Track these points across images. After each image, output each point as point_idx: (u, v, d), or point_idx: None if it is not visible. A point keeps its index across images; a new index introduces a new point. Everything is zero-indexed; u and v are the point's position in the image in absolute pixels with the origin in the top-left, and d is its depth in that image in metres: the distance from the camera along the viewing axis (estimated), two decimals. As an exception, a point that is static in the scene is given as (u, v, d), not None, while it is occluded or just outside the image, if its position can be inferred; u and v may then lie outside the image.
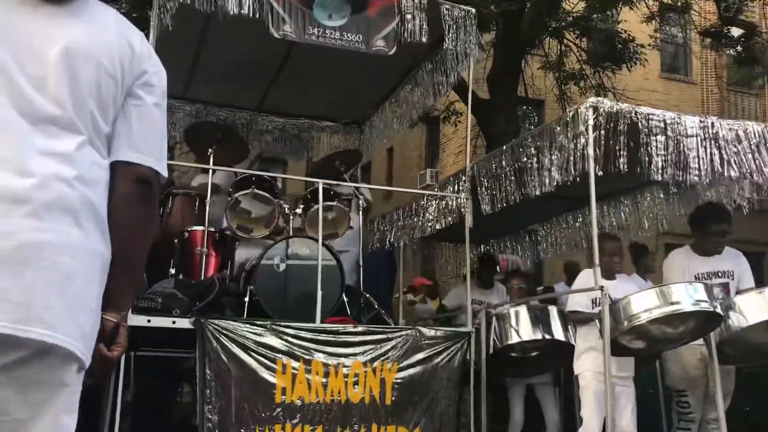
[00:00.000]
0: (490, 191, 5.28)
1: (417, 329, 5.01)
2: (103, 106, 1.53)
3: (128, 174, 1.55)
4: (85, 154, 1.48)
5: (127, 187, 1.54)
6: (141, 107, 1.59)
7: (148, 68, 1.62)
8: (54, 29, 1.49)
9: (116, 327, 1.54)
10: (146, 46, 1.64)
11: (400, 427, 4.68)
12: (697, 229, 4.75)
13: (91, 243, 1.46)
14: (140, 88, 1.60)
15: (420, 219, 6.20)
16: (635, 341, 4.25)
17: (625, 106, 4.28)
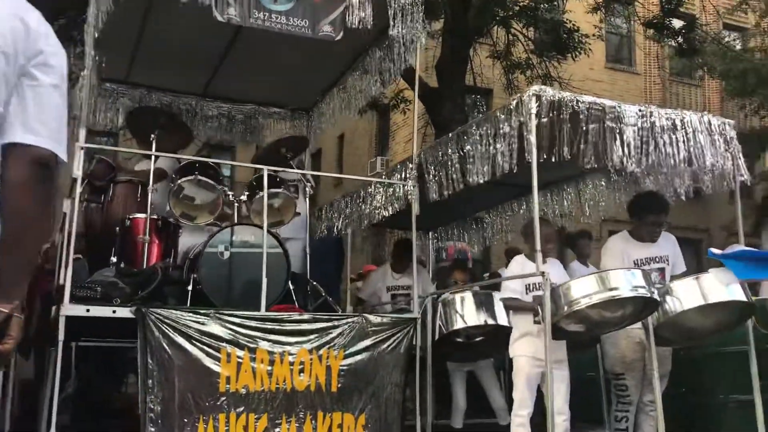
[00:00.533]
0: (436, 179, 5.31)
1: (363, 316, 5.02)
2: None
3: (24, 156, 1.49)
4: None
5: (23, 170, 1.48)
6: (37, 88, 1.54)
7: (44, 48, 1.56)
8: None
9: (8, 318, 1.47)
10: (44, 26, 1.58)
11: (345, 414, 4.69)
12: (636, 217, 4.88)
13: None
14: (36, 69, 1.54)
15: (368, 206, 6.19)
16: (574, 325, 4.35)
17: (567, 95, 4.35)
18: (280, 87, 7.16)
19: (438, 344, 5.22)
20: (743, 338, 4.69)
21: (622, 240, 4.86)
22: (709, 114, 4.91)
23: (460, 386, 5.87)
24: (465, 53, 11.33)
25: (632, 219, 4.92)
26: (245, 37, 5.96)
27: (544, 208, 6.36)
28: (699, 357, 5.19)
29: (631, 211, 4.99)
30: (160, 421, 4.24)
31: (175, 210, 5.39)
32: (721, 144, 4.75)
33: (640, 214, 4.83)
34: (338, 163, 21.07)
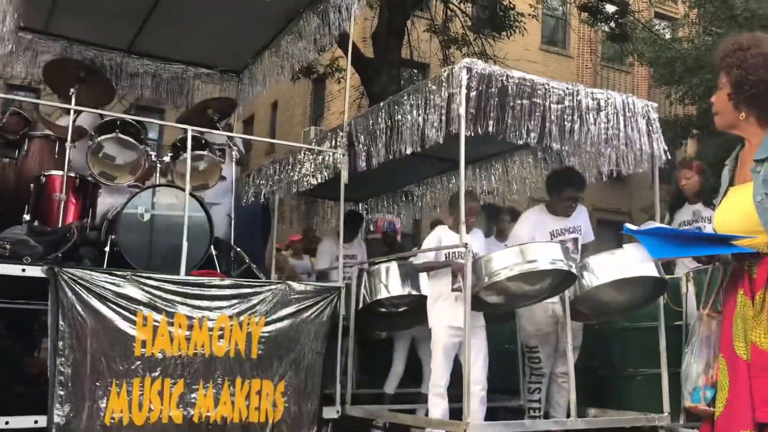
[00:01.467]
0: (365, 148, 5.27)
1: (287, 283, 4.97)
2: None
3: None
4: None
5: None
6: None
7: None
8: None
9: None
10: None
11: (265, 380, 4.65)
12: (553, 192, 4.98)
13: None
14: None
15: (296, 173, 6.11)
16: (494, 297, 4.43)
17: (497, 69, 4.37)
18: (209, 46, 6.96)
19: (362, 313, 5.23)
20: (654, 315, 4.87)
21: (539, 212, 4.98)
22: (633, 96, 5.03)
23: (402, 353, 5.90)
24: (402, 25, 11.27)
25: (549, 194, 5.02)
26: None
27: (472, 183, 6.42)
28: (610, 332, 5.37)
29: (548, 187, 5.09)
30: (70, 384, 4.10)
31: (94, 169, 5.19)
32: (644, 126, 4.88)
33: (557, 189, 4.94)
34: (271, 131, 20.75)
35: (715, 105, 2.46)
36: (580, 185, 5.00)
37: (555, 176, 5.16)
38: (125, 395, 4.23)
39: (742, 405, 2.22)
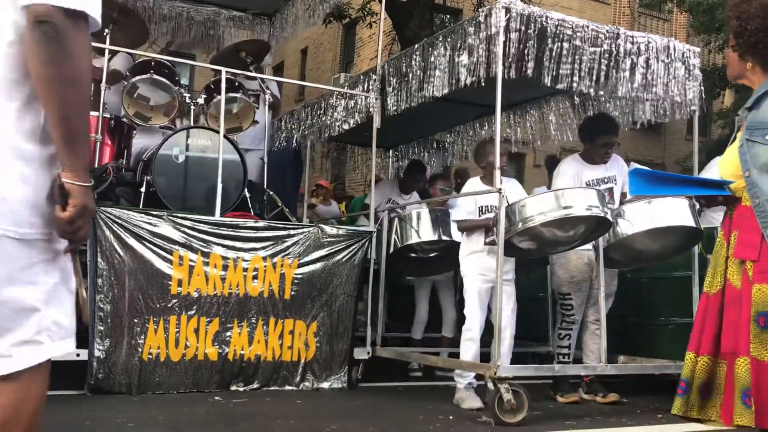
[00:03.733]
0: (398, 92, 5.22)
1: (319, 227, 5.01)
2: None
3: (28, 18, 1.39)
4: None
5: (29, 33, 1.39)
6: None
7: None
8: None
9: (60, 185, 1.43)
10: None
11: (297, 320, 4.74)
12: (586, 140, 4.88)
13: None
14: None
15: (328, 118, 6.09)
16: (526, 243, 4.40)
17: (536, 10, 4.26)
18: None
19: (392, 258, 5.26)
20: (688, 264, 4.82)
21: (574, 162, 4.88)
22: (675, 40, 4.88)
23: (424, 299, 5.97)
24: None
25: (584, 141, 4.93)
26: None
27: (506, 129, 6.33)
28: (644, 280, 5.33)
29: (582, 134, 4.99)
30: (110, 320, 4.22)
31: (129, 110, 5.22)
32: (682, 72, 4.75)
33: (591, 137, 4.84)
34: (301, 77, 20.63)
35: (727, 57, 2.64)
36: (614, 130, 4.90)
37: (588, 123, 5.06)
38: (162, 332, 4.34)
39: (708, 334, 2.54)
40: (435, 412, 4.20)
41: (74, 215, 1.45)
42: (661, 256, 4.80)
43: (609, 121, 5.06)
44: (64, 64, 1.41)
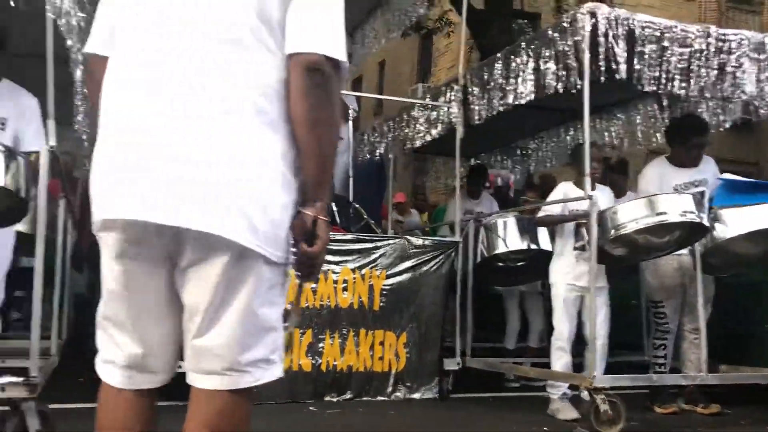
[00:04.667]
0: (480, 101, 5.21)
1: (405, 238, 5.06)
2: (266, 2, 1.51)
3: (297, 64, 1.50)
4: (251, 55, 1.48)
5: (298, 78, 1.50)
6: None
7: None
8: None
9: (314, 221, 1.52)
10: None
11: (387, 331, 4.79)
12: (677, 141, 4.69)
13: (262, 142, 1.47)
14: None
15: (410, 130, 6.15)
16: (619, 250, 4.31)
17: (623, 12, 4.18)
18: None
19: (479, 268, 5.24)
20: (792, 267, 4.61)
21: (660, 165, 4.71)
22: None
23: (514, 308, 5.93)
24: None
25: (672, 144, 4.75)
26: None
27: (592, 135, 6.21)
28: (745, 285, 5.11)
29: (670, 136, 4.82)
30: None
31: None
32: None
33: (681, 138, 4.66)
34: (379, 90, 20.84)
35: None
36: (705, 131, 4.71)
37: (677, 124, 4.90)
38: (258, 344, 4.46)
39: None
40: (529, 423, 4.15)
41: (321, 250, 1.55)
42: (762, 260, 4.60)
43: (699, 121, 4.89)
44: (328, 109, 1.52)
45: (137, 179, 1.42)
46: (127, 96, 1.48)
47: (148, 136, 1.43)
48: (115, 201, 1.45)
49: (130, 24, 1.54)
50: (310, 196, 1.53)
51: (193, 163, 1.42)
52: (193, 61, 1.47)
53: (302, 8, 1.52)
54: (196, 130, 1.43)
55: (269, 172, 1.48)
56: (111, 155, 1.48)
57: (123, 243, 1.47)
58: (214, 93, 1.45)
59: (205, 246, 1.43)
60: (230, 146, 1.43)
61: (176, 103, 1.44)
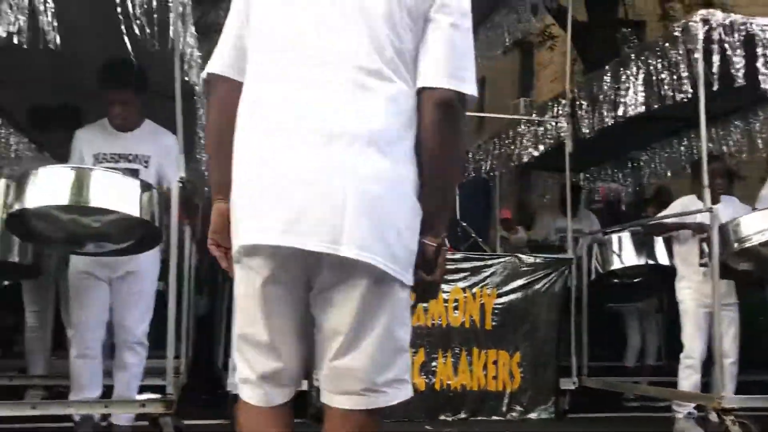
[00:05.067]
0: (589, 114, 5.13)
1: (516, 256, 5.02)
2: (400, 33, 1.54)
3: (429, 98, 1.54)
4: (387, 87, 1.52)
5: (429, 112, 1.54)
6: (436, 30, 1.56)
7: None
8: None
9: (436, 250, 1.56)
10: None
11: (500, 351, 4.76)
12: None
13: (396, 169, 1.50)
14: (437, 12, 1.57)
15: (516, 147, 6.11)
16: (744, 264, 4.11)
17: (738, 18, 4.02)
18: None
19: (594, 285, 5.12)
20: None
21: None
22: None
23: (634, 325, 5.77)
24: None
25: None
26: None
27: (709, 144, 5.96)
28: None
29: None
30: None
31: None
32: None
33: None
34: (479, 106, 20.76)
35: None
36: None
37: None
38: (372, 363, 4.54)
39: None
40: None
41: (440, 278, 1.60)
42: None
43: None
44: (456, 142, 1.58)
45: (280, 205, 1.47)
46: (266, 123, 1.53)
47: (289, 163, 1.48)
48: (259, 227, 1.50)
49: (266, 51, 1.59)
50: (431, 225, 1.56)
51: (335, 188, 1.45)
52: (334, 89, 1.50)
53: (435, 42, 1.55)
54: (336, 158, 1.47)
55: (404, 199, 1.52)
56: (253, 182, 1.52)
57: (266, 268, 1.52)
58: (353, 120, 1.49)
59: (345, 270, 1.47)
60: (370, 173, 1.47)
61: (316, 130, 1.48)
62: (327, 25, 1.54)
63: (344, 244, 1.44)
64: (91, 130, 3.64)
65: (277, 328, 1.57)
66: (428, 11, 1.56)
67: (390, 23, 1.53)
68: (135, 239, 3.20)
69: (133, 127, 3.61)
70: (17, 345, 6.90)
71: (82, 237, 3.19)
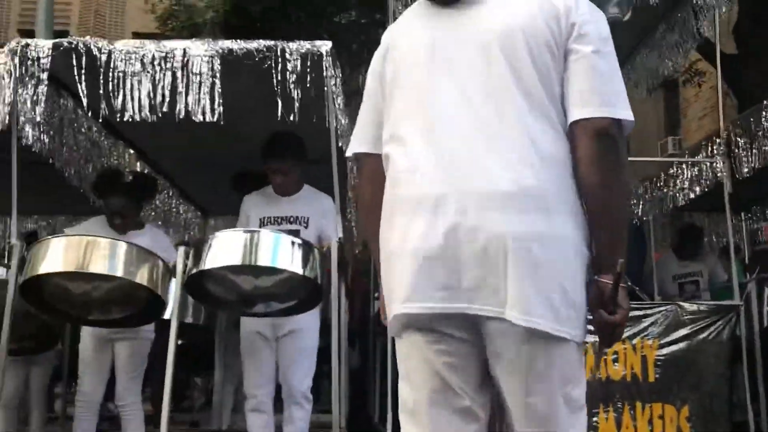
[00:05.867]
0: (748, 152, 4.87)
1: (677, 304, 4.78)
2: (546, 76, 1.51)
3: (583, 131, 1.49)
4: (540, 135, 1.49)
5: (586, 145, 1.49)
6: (579, 60, 1.52)
7: (576, 20, 1.54)
8: (472, 25, 1.57)
9: (614, 288, 1.50)
10: (571, 0, 1.57)
11: (666, 405, 4.50)
12: None
13: (556, 226, 1.47)
14: (575, 42, 1.53)
15: (670, 189, 5.89)
16: None
17: None
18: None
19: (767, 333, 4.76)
20: None
21: None
22: None
23: None
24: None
25: None
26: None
27: None
28: None
29: None
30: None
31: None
32: None
33: None
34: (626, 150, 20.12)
35: None
36: None
37: None
38: (530, 418, 4.44)
39: None
40: None
41: (623, 318, 1.54)
42: None
43: None
44: (619, 173, 1.52)
45: (439, 270, 1.46)
46: (416, 189, 1.52)
47: (444, 227, 1.47)
48: (422, 293, 1.48)
49: (411, 120, 1.58)
50: (605, 263, 1.50)
51: (494, 250, 1.44)
52: (486, 149, 1.49)
53: (580, 72, 1.51)
54: (494, 218, 1.45)
55: (568, 253, 1.48)
56: (414, 247, 1.50)
57: (431, 335, 1.51)
58: (509, 178, 1.46)
59: (510, 333, 1.45)
60: (530, 231, 1.45)
61: (471, 192, 1.47)
62: (474, 88, 1.53)
63: (508, 308, 1.43)
64: (257, 195, 3.96)
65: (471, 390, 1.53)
66: (567, 44, 1.53)
67: (537, 70, 1.51)
68: (299, 298, 3.39)
69: (294, 192, 3.87)
70: (187, 400, 7.39)
71: (252, 297, 3.42)
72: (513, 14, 1.55)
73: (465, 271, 1.46)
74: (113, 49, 3.30)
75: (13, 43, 3.39)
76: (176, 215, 5.99)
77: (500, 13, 1.56)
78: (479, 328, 1.49)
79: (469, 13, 1.58)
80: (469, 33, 1.56)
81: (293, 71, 3.32)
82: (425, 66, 1.59)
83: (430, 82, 1.57)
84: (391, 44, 1.70)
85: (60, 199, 5.53)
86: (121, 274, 3.14)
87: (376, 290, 5.52)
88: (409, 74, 1.62)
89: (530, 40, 1.52)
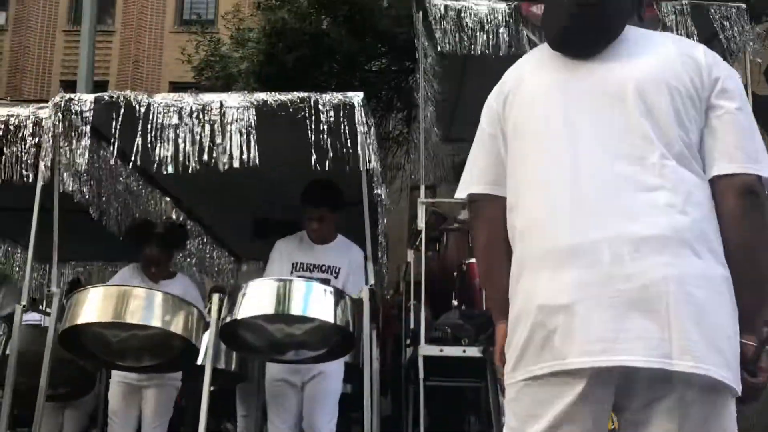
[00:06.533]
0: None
1: None
2: (686, 126, 1.53)
3: (727, 187, 1.50)
4: (683, 181, 1.49)
5: (731, 201, 1.49)
6: (723, 116, 1.54)
7: (719, 75, 1.57)
8: (613, 72, 1.59)
9: (757, 350, 1.48)
10: (711, 56, 1.61)
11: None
12: None
13: (711, 268, 1.45)
14: (718, 98, 1.55)
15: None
16: None
17: None
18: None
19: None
20: None
21: None
22: None
23: None
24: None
25: None
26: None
27: None
28: None
29: None
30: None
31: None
32: None
33: None
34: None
35: None
36: None
37: None
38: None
39: None
40: None
41: (765, 382, 1.49)
42: None
43: None
44: (765, 230, 1.49)
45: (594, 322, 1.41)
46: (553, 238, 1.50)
47: (592, 272, 1.43)
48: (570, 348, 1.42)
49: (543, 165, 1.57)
50: (749, 323, 1.47)
51: (654, 296, 1.40)
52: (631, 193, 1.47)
53: (724, 129, 1.53)
54: (651, 263, 1.42)
55: (725, 299, 1.44)
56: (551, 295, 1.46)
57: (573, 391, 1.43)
58: (661, 222, 1.44)
59: (667, 384, 1.40)
60: (689, 275, 1.41)
61: (620, 237, 1.44)
62: (612, 135, 1.53)
63: (676, 357, 1.37)
64: (290, 241, 3.99)
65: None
66: (709, 99, 1.54)
67: (678, 120, 1.51)
68: (330, 346, 3.39)
69: (328, 240, 3.90)
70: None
71: (284, 345, 3.43)
72: (654, 66, 1.57)
73: (624, 320, 1.41)
74: (152, 102, 3.40)
75: (57, 97, 3.51)
76: (210, 261, 6.06)
77: (640, 63, 1.58)
78: (626, 381, 1.44)
79: (605, 65, 1.60)
80: (606, 82, 1.58)
81: (326, 122, 3.38)
82: (559, 115, 1.59)
83: (566, 131, 1.57)
84: (515, 88, 1.69)
85: (96, 246, 5.63)
86: (158, 324, 3.18)
87: (407, 336, 5.49)
88: (539, 122, 1.62)
89: (673, 92, 1.53)
